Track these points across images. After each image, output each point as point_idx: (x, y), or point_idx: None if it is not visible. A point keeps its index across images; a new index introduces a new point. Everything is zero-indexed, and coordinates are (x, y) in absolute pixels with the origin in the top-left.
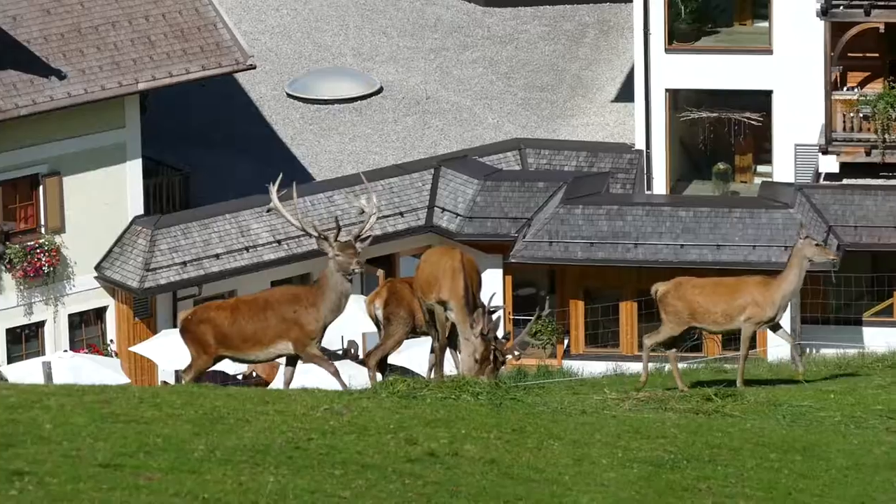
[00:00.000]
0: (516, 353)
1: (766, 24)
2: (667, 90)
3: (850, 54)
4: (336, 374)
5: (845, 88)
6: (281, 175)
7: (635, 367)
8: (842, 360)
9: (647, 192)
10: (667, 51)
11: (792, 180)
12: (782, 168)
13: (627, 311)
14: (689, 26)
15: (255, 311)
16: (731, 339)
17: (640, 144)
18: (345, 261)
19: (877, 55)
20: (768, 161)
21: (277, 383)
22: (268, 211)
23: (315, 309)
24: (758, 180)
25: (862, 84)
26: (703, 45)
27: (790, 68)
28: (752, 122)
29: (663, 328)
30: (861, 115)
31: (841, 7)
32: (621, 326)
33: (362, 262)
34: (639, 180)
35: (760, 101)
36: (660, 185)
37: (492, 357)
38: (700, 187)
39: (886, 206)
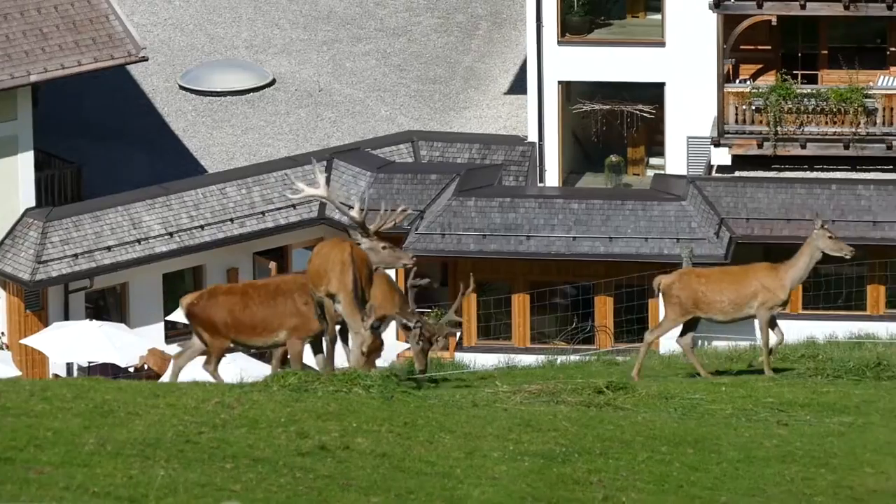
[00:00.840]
0: (446, 334)
1: (658, 16)
2: (559, 82)
3: (742, 47)
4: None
5: (738, 81)
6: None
7: (527, 359)
8: (733, 352)
9: (539, 185)
10: (559, 43)
11: (684, 172)
12: (675, 160)
13: (520, 304)
14: (582, 19)
15: (265, 298)
16: (627, 331)
17: (532, 137)
18: (390, 255)
19: (769, 47)
20: (661, 153)
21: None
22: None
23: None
24: (650, 172)
25: (754, 76)
26: (595, 37)
27: (683, 61)
28: (645, 115)
29: (664, 321)
30: (753, 107)
31: (733, 0)
32: (513, 319)
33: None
34: (531, 172)
35: (653, 93)
36: (552, 178)
37: (420, 339)
38: (592, 179)
39: (778, 198)
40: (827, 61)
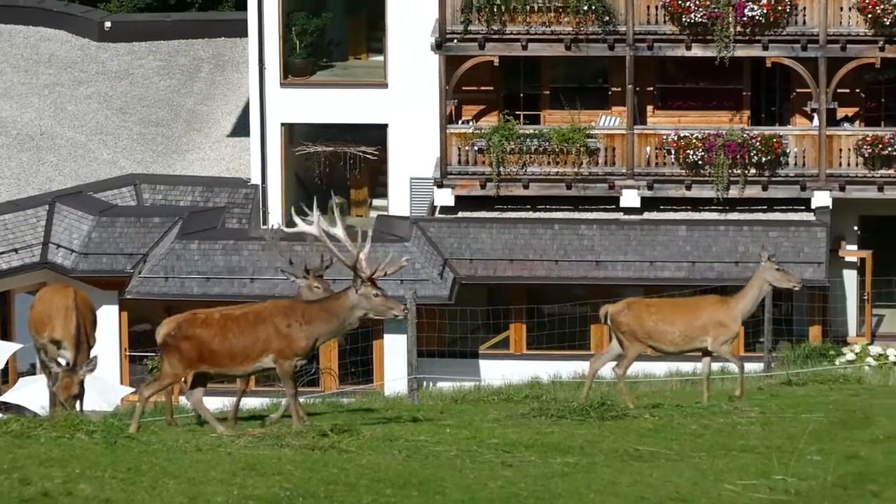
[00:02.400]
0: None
1: (381, 58)
2: (282, 124)
3: (464, 87)
4: (294, 397)
5: (460, 122)
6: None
7: (253, 402)
8: (458, 393)
9: (262, 227)
10: (282, 85)
11: (407, 214)
12: (398, 201)
13: None
14: (305, 60)
15: (245, 328)
16: (347, 373)
17: (255, 179)
18: (382, 303)
19: (491, 88)
20: (384, 194)
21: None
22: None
23: (310, 326)
24: (373, 214)
25: (477, 117)
26: (318, 79)
27: (405, 102)
28: (368, 156)
29: (628, 352)
30: (476, 148)
31: (455, 41)
32: None
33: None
34: (255, 215)
35: (376, 134)
36: (276, 220)
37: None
38: None
39: (502, 238)
40: (549, 102)
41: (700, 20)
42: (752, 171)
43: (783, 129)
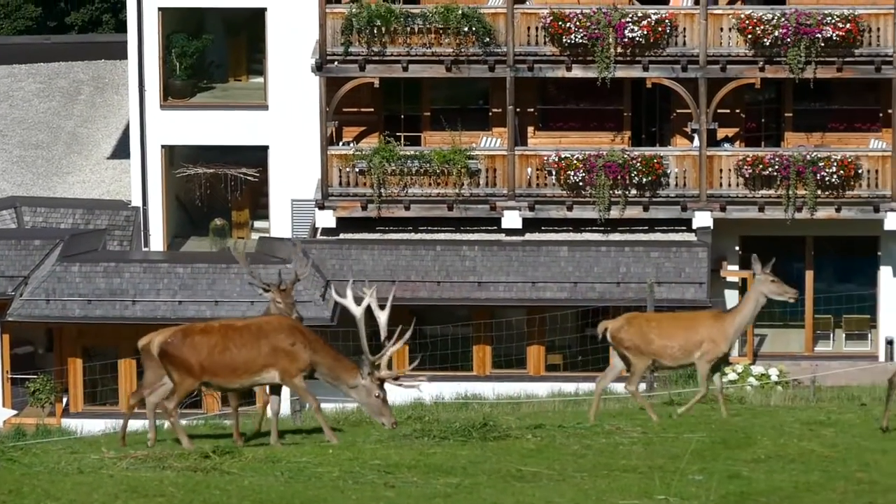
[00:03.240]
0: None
1: (261, 79)
2: (163, 146)
3: (345, 109)
4: (318, 409)
5: (341, 143)
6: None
7: (136, 424)
8: (340, 414)
9: (144, 249)
10: (162, 107)
11: (289, 235)
12: (279, 223)
13: (126, 369)
14: (185, 82)
15: (248, 339)
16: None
17: (136, 201)
18: (378, 406)
19: (372, 110)
20: (265, 216)
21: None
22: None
23: (312, 352)
24: (255, 236)
25: (357, 139)
26: (198, 101)
27: (286, 124)
28: (249, 178)
29: (635, 367)
30: (357, 169)
31: (336, 63)
32: (120, 384)
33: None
34: (136, 237)
35: (257, 156)
36: (157, 242)
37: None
38: (197, 243)
39: (383, 260)
40: (430, 123)
41: (580, 41)
42: (633, 191)
43: (664, 149)
